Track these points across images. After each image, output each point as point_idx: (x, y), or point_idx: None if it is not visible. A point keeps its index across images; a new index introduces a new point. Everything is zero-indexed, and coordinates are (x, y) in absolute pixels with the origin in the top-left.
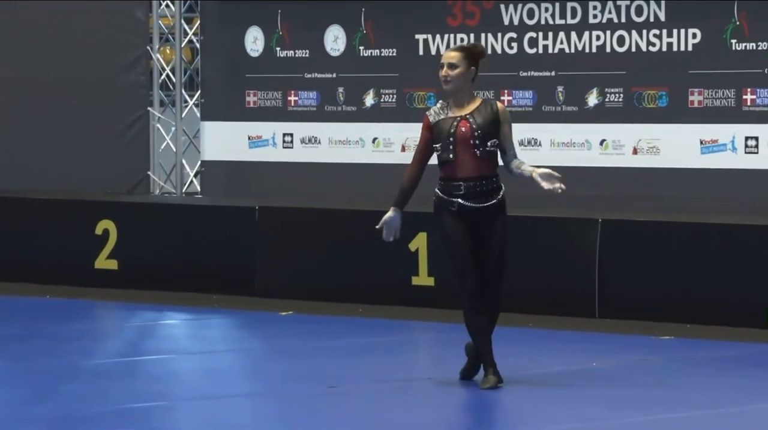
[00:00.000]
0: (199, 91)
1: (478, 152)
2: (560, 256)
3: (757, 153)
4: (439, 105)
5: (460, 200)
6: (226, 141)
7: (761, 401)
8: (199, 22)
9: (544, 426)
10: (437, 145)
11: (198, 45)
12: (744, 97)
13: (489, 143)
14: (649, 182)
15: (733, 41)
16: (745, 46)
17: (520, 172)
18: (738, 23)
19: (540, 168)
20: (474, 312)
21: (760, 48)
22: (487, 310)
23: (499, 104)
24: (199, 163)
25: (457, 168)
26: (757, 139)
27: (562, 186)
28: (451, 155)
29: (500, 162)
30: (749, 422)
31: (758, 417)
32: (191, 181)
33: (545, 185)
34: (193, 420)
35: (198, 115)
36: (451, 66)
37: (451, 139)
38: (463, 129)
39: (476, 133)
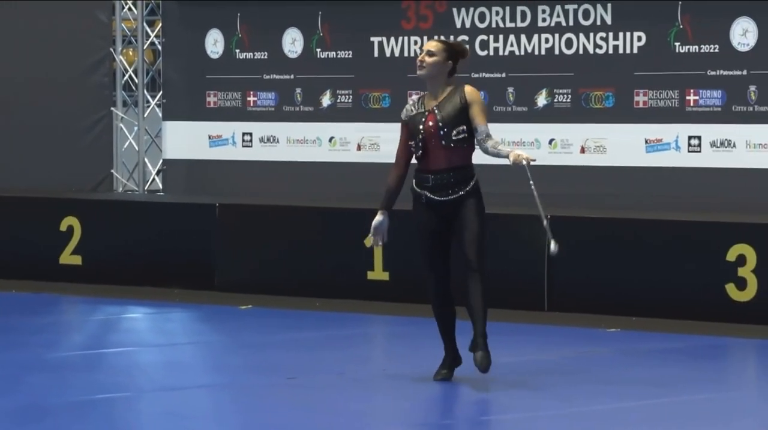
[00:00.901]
0: (160, 92)
1: (444, 143)
2: (510, 252)
3: (699, 152)
4: (411, 101)
5: (427, 193)
6: (187, 140)
7: (704, 391)
8: (160, 24)
9: (494, 415)
10: (411, 142)
11: (160, 47)
12: (687, 98)
13: (455, 132)
14: (596, 180)
15: (677, 44)
16: (689, 49)
17: (497, 151)
18: (681, 27)
19: (517, 150)
20: (438, 303)
21: (702, 51)
22: (452, 302)
23: (467, 87)
24: (160, 161)
25: (428, 161)
26: (699, 138)
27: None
28: (420, 151)
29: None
30: (692, 411)
31: (701, 406)
32: (153, 179)
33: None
34: (154, 411)
35: (160, 115)
36: (429, 53)
37: (420, 135)
38: (430, 123)
39: (440, 124)
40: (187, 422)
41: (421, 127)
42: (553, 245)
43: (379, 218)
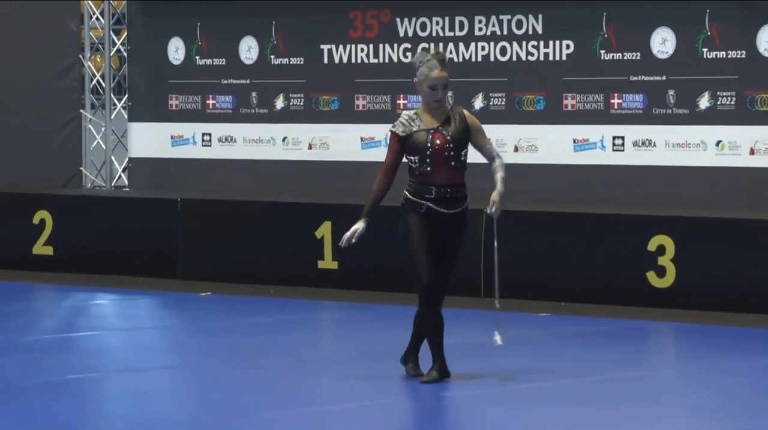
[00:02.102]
0: (126, 95)
1: (453, 163)
2: None
3: (623, 151)
4: (406, 117)
5: (429, 204)
6: (151, 140)
7: (629, 370)
8: (126, 33)
9: (438, 393)
10: (414, 158)
11: (125, 54)
12: (612, 101)
13: (462, 154)
14: (528, 177)
15: (602, 51)
16: (613, 56)
17: (495, 178)
18: (606, 36)
19: (496, 190)
20: (428, 309)
21: (625, 58)
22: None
23: (466, 113)
24: (126, 159)
25: (433, 177)
26: (623, 138)
27: (493, 210)
28: (429, 168)
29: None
30: (620, 389)
31: (628, 385)
32: (119, 176)
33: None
34: (120, 390)
35: (125, 116)
36: (444, 87)
37: (429, 152)
38: (438, 141)
39: (450, 145)
40: (151, 400)
41: (428, 144)
42: (498, 338)
43: (362, 225)
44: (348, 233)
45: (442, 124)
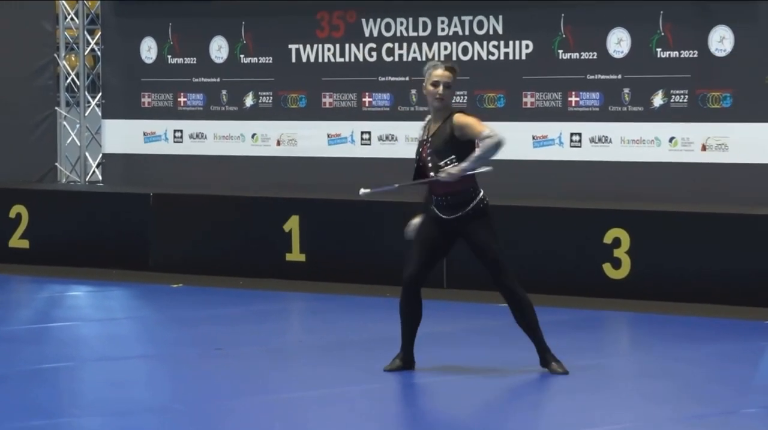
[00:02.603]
0: (100, 93)
1: (432, 174)
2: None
3: (580, 147)
4: (423, 122)
5: (435, 209)
6: (124, 136)
7: (586, 358)
8: (100, 33)
9: (398, 381)
10: (416, 165)
11: (99, 53)
12: (569, 99)
13: (443, 164)
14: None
15: (560, 51)
16: (570, 56)
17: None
18: (564, 36)
19: (459, 166)
20: (404, 299)
21: (582, 57)
22: (420, 301)
23: (455, 117)
24: (100, 155)
25: (432, 186)
26: (580, 135)
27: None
28: (431, 173)
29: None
30: (577, 377)
31: (585, 372)
32: (94, 172)
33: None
34: (95, 378)
35: (99, 113)
36: (447, 86)
37: (419, 164)
38: (423, 155)
39: (428, 159)
40: (125, 388)
41: (418, 156)
42: (363, 190)
43: (417, 220)
44: (409, 229)
45: (434, 134)
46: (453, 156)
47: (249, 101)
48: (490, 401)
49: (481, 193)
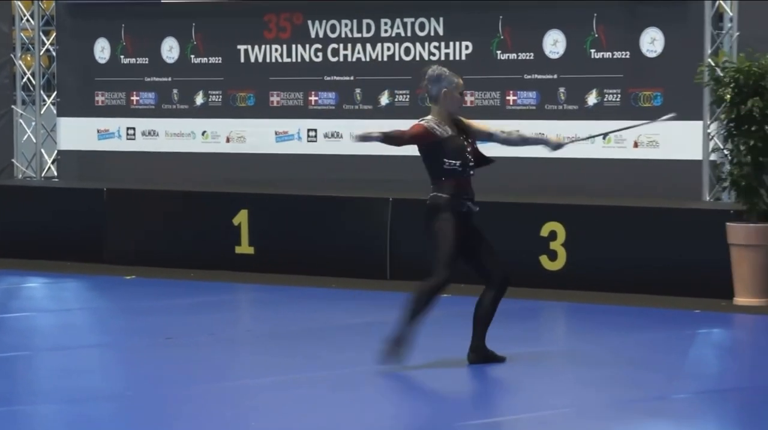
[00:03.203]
0: (55, 92)
1: (473, 172)
2: (358, 229)
3: None
4: (434, 122)
5: (469, 203)
6: (78, 134)
7: (523, 346)
8: (55, 34)
9: (340, 367)
10: (455, 161)
11: (54, 53)
12: (507, 98)
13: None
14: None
15: (499, 52)
16: (508, 56)
17: (529, 138)
18: (502, 37)
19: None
20: (438, 295)
21: (520, 58)
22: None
23: (465, 121)
24: (55, 152)
25: (469, 180)
26: (518, 132)
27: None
28: (471, 171)
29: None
30: (515, 364)
31: (522, 359)
32: (49, 168)
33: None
34: (50, 366)
35: (54, 112)
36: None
37: (470, 156)
38: (469, 149)
39: (473, 156)
40: (79, 376)
41: (468, 153)
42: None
43: (379, 134)
44: (368, 132)
45: (460, 133)
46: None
47: (199, 100)
48: (431, 389)
49: None
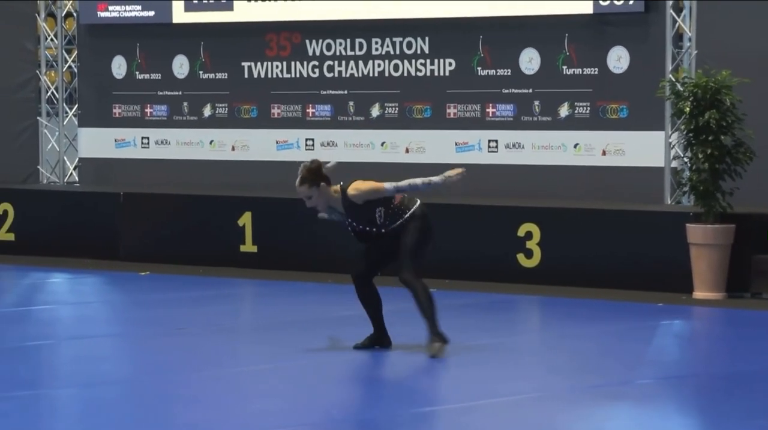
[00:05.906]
0: (76, 105)
1: (374, 231)
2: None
3: (497, 152)
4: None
5: None
6: (97, 143)
7: (499, 336)
8: (76, 52)
9: (333, 358)
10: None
11: (76, 69)
12: (487, 110)
13: (367, 221)
14: (418, 174)
15: (479, 68)
16: (488, 72)
17: (422, 185)
18: (482, 55)
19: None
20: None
21: (498, 74)
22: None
23: (350, 194)
24: (77, 159)
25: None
26: (497, 141)
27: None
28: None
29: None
30: (483, 352)
31: (490, 348)
32: (71, 173)
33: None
34: (70, 354)
35: (76, 123)
36: (308, 197)
37: (360, 230)
38: (357, 227)
39: (362, 227)
40: (95, 362)
41: (353, 228)
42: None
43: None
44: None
45: (347, 211)
46: (380, 208)
47: (207, 112)
48: (402, 375)
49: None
